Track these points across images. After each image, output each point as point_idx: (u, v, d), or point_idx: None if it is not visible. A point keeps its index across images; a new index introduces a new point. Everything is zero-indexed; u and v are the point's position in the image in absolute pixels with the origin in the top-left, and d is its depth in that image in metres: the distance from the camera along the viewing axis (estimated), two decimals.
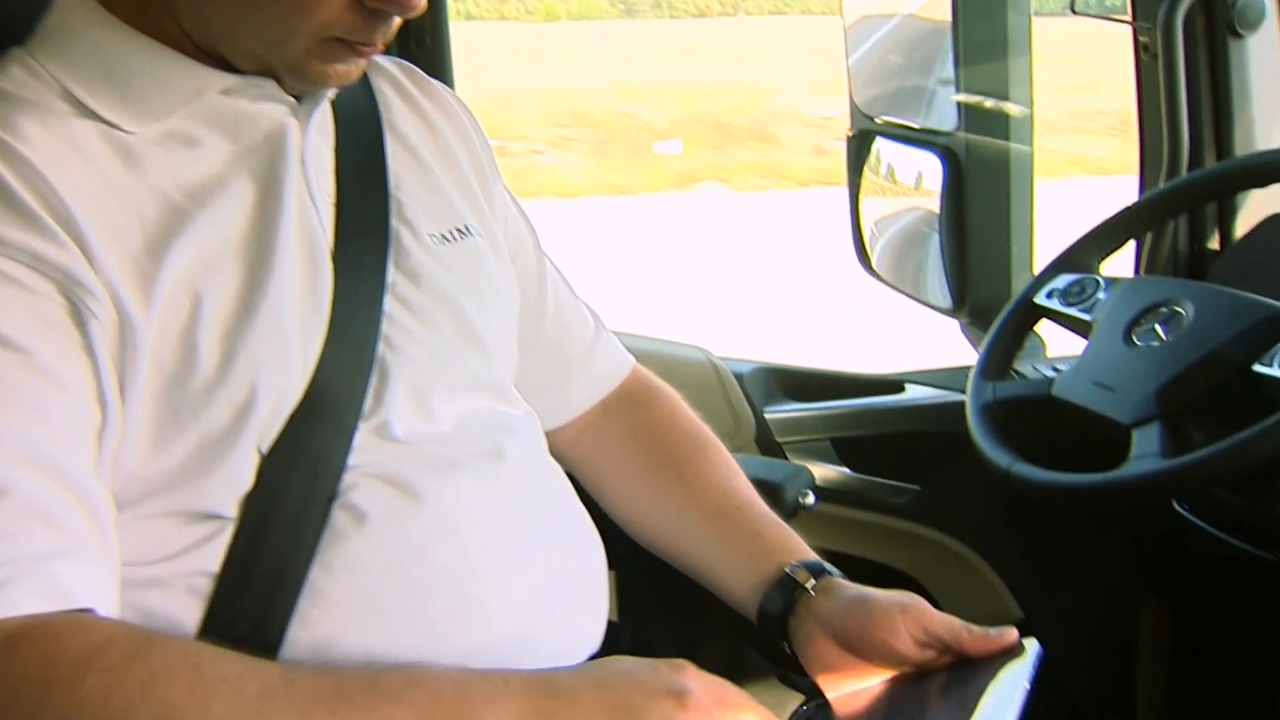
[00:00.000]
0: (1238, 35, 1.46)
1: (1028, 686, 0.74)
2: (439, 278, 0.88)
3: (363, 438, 0.80)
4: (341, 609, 0.76)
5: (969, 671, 0.78)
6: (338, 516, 0.77)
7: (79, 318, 0.71)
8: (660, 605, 1.08)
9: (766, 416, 1.59)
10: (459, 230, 0.92)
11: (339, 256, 0.83)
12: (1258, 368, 1.08)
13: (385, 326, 0.83)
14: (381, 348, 0.83)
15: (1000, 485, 1.20)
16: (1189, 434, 1.11)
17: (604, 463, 1.04)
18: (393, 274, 0.85)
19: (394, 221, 0.87)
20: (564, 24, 17.17)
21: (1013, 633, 0.80)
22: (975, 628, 0.81)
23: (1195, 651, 1.63)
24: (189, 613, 0.75)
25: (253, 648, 0.71)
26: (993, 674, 0.75)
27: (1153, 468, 1.06)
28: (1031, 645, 0.78)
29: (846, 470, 1.61)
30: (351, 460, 0.79)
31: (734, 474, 1.01)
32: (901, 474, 1.60)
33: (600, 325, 1.09)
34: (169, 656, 0.66)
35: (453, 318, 0.88)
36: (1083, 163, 8.11)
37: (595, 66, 12.66)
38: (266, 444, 0.77)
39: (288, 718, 0.65)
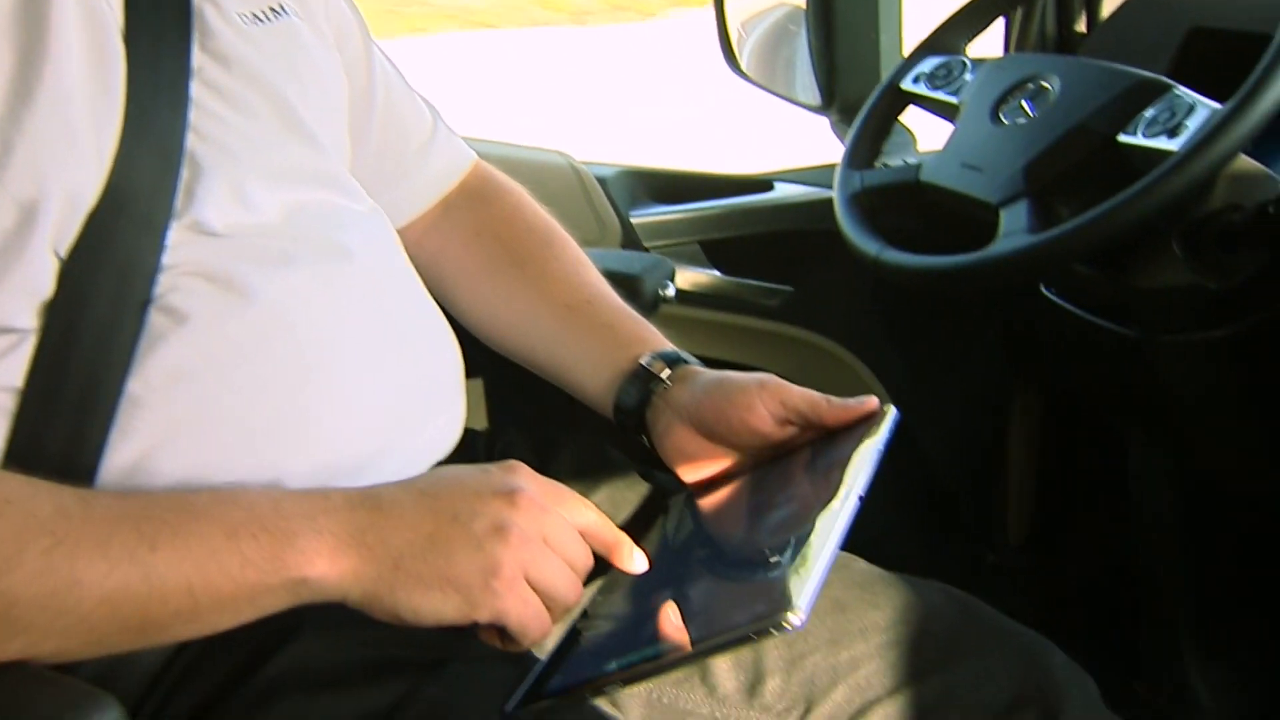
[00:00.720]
0: None
1: (882, 449, 0.72)
2: (252, 60, 0.80)
3: (177, 235, 0.72)
4: (166, 420, 0.70)
5: (832, 444, 0.76)
6: (155, 320, 0.70)
7: None
8: (518, 410, 1.04)
9: (632, 220, 1.53)
10: (272, 9, 0.83)
11: (131, 37, 0.74)
12: (1122, 137, 1.06)
13: (194, 115, 0.75)
14: (191, 139, 0.75)
15: (870, 274, 1.18)
16: (1056, 210, 1.09)
17: (447, 265, 0.98)
18: (198, 57, 0.77)
19: None
20: None
21: (873, 400, 0.77)
22: (834, 398, 0.78)
23: (1062, 437, 1.67)
24: None
25: (67, 467, 0.66)
26: (856, 443, 0.73)
27: (1020, 244, 1.04)
28: (890, 411, 0.76)
29: (716, 273, 1.57)
30: (167, 260, 0.72)
31: (584, 267, 0.96)
32: (773, 275, 1.57)
33: (439, 120, 1.02)
34: None
35: (271, 104, 0.80)
36: None
37: None
38: (65, 247, 0.69)
39: (86, 538, 0.60)
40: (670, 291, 1.09)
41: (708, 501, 0.80)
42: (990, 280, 1.08)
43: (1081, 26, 1.53)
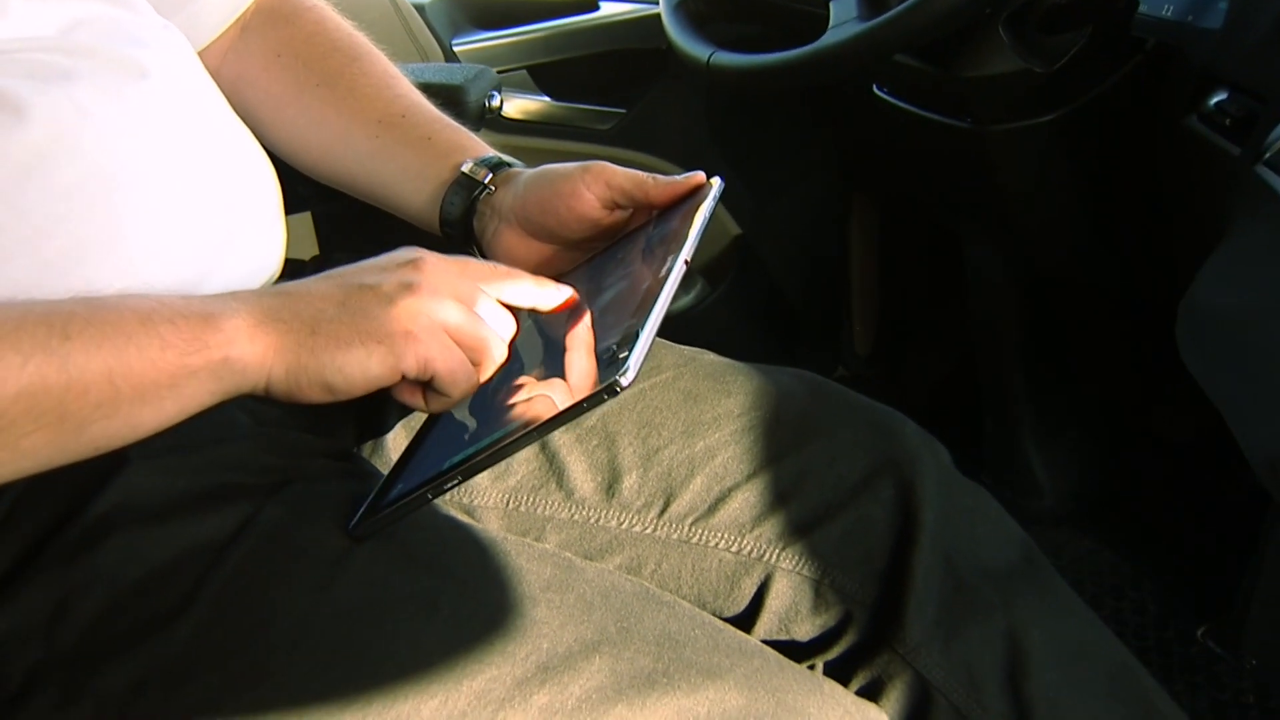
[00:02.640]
0: None
1: (707, 216, 0.70)
2: None
3: None
4: None
5: (661, 223, 0.74)
6: None
7: None
8: (347, 239, 0.99)
9: (455, 49, 1.46)
10: None
11: None
12: None
13: None
14: None
15: (701, 83, 1.15)
16: None
17: (249, 91, 0.90)
18: None
19: None
20: None
21: (699, 174, 0.75)
22: (661, 176, 0.76)
23: (901, 243, 1.70)
24: None
25: None
26: (687, 218, 0.70)
27: (849, 33, 1.03)
28: (715, 181, 0.74)
29: (547, 98, 1.52)
30: None
31: (396, 80, 0.89)
32: (606, 98, 1.53)
33: None
34: None
35: None
36: None
37: None
38: None
39: None
40: (496, 102, 1.04)
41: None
42: (823, 73, 1.07)
43: None
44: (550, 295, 0.69)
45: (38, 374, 0.56)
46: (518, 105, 1.48)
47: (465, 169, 0.82)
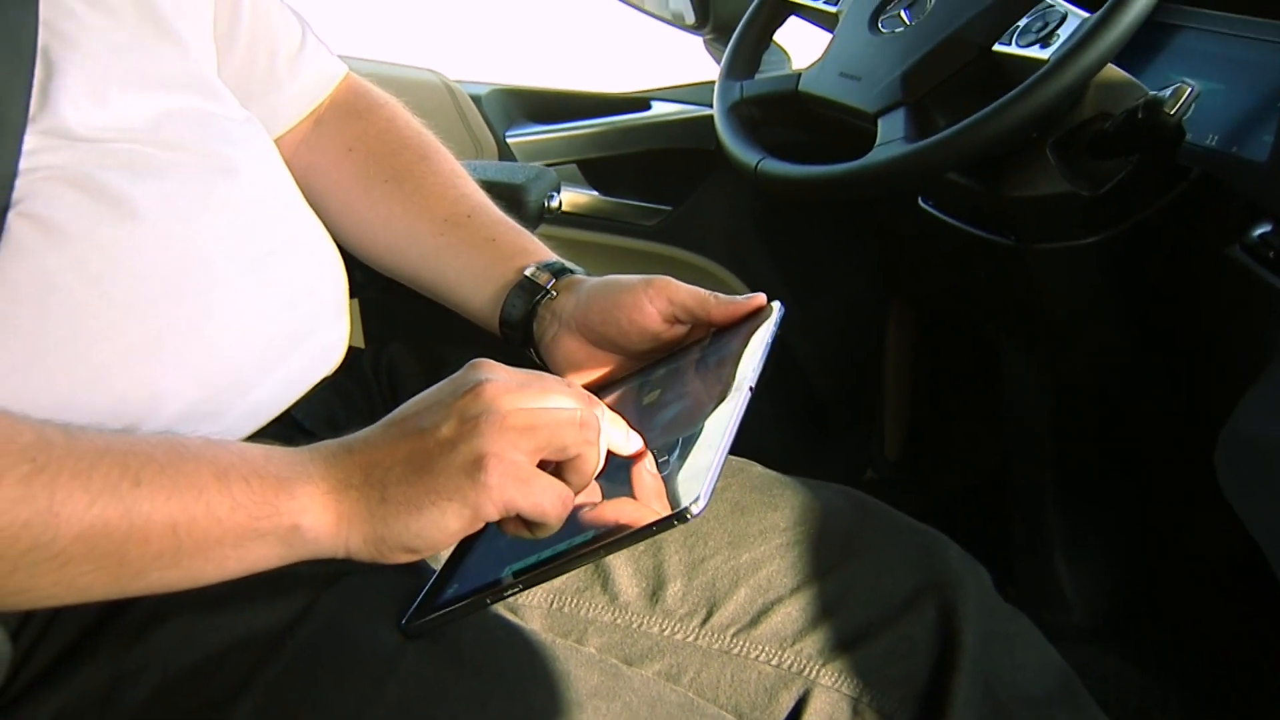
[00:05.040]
0: None
1: (770, 342, 0.71)
2: None
3: (35, 140, 0.67)
4: (36, 334, 0.65)
5: (720, 342, 0.75)
6: (18, 228, 0.65)
7: None
8: (404, 329, 1.01)
9: (509, 141, 1.50)
10: None
11: None
12: (997, 46, 1.07)
13: (45, 10, 0.70)
14: (44, 35, 0.69)
15: (749, 187, 1.18)
16: (933, 118, 1.11)
17: (321, 183, 0.93)
18: None
19: None
20: None
21: (760, 296, 0.77)
22: (722, 295, 0.78)
23: (936, 347, 1.71)
24: None
25: None
26: (745, 339, 0.72)
27: (897, 152, 1.05)
28: (776, 305, 0.76)
29: (595, 193, 1.55)
30: (25, 165, 0.66)
31: (462, 180, 0.92)
32: (652, 195, 1.56)
33: (309, 31, 0.97)
34: None
35: (135, 4, 0.76)
36: None
37: None
38: None
39: (68, 468, 0.56)
40: (556, 203, 1.06)
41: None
42: (868, 188, 1.09)
43: None
44: (619, 438, 0.67)
45: (101, 518, 0.56)
46: (567, 198, 1.51)
47: (528, 272, 0.84)
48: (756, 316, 0.76)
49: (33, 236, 0.66)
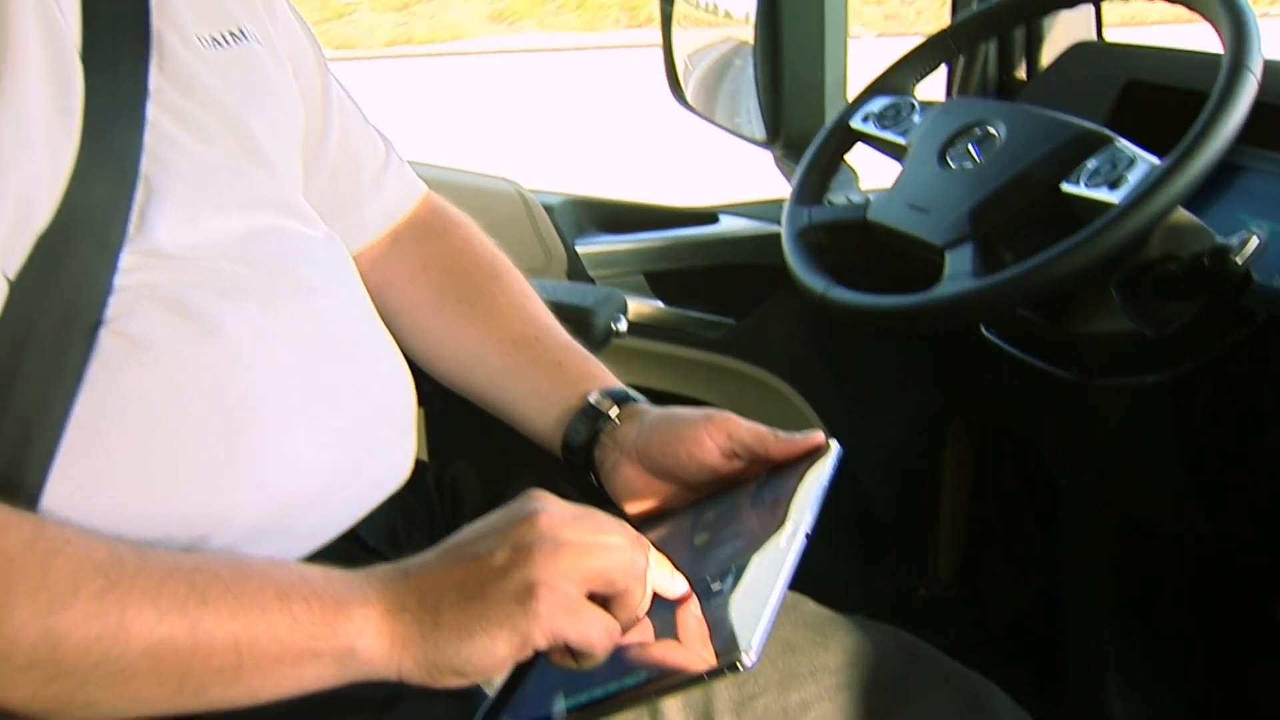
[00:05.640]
0: None
1: (826, 485, 0.72)
2: (211, 85, 0.79)
3: (131, 258, 0.71)
4: (116, 447, 0.68)
5: (777, 478, 0.77)
6: (109, 344, 0.69)
7: None
8: (467, 442, 1.03)
9: (578, 250, 1.53)
10: (232, 34, 0.82)
11: (89, 56, 0.72)
12: (1065, 186, 1.08)
13: (150, 138, 0.74)
14: (146, 161, 0.73)
15: (816, 311, 1.19)
16: (1000, 254, 1.12)
17: (394, 297, 0.96)
18: (156, 79, 0.75)
19: (155, 20, 0.76)
20: None
21: (818, 435, 0.78)
22: (781, 433, 0.79)
23: (995, 472, 1.70)
24: None
25: (9, 489, 0.64)
26: (800, 477, 0.73)
27: (964, 287, 1.06)
28: (834, 446, 0.77)
29: (660, 304, 1.58)
30: (120, 282, 0.70)
31: (531, 302, 0.95)
32: (716, 307, 1.58)
33: (391, 150, 1.01)
34: (3, 513, 0.60)
35: (229, 130, 0.79)
36: None
37: None
38: (14, 267, 0.67)
39: (138, 585, 0.58)
40: (622, 326, 1.09)
41: (655, 537, 0.80)
42: (934, 322, 1.10)
43: (1022, 74, 1.57)
44: (665, 580, 0.68)
45: (168, 634, 0.58)
46: (632, 308, 1.53)
47: (592, 399, 0.86)
48: (814, 454, 0.77)
49: (122, 353, 0.69)
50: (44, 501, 0.67)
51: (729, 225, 1.61)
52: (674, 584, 0.68)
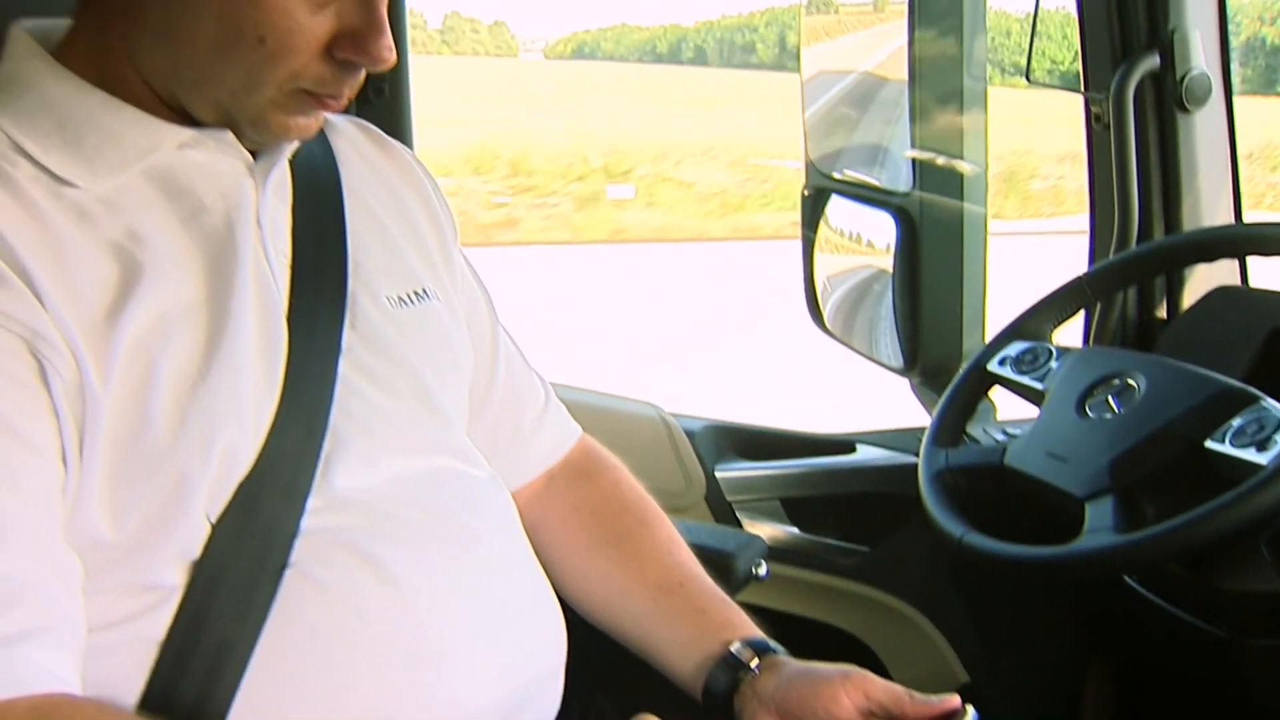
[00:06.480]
0: (1185, 110, 1.49)
1: None
2: (396, 342, 0.86)
3: (316, 503, 0.77)
4: (293, 683, 0.73)
5: None
6: (293, 585, 0.75)
7: (45, 377, 0.70)
8: (609, 680, 1.06)
9: (717, 475, 1.57)
10: (417, 293, 0.90)
11: (293, 318, 0.81)
12: (1209, 444, 1.08)
13: (340, 392, 0.81)
14: (335, 414, 0.80)
15: (953, 555, 1.20)
16: (1142, 508, 1.11)
17: (545, 536, 1.01)
18: (349, 337, 0.83)
19: (351, 283, 0.85)
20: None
21: (955, 699, 0.79)
22: (918, 694, 0.81)
23: (1137, 712, 1.64)
24: (131, 681, 0.72)
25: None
26: None
27: (1106, 542, 1.06)
28: (970, 711, 0.78)
29: (796, 530, 1.60)
30: (305, 525, 0.76)
31: (677, 547, 0.99)
32: (851, 535, 1.60)
33: (550, 395, 1.07)
34: None
35: (410, 384, 0.86)
36: None
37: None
38: (215, 512, 0.74)
39: None
40: (763, 571, 1.12)
41: None
42: (1075, 575, 1.10)
43: (1162, 312, 1.57)
44: None
45: None
46: (768, 532, 1.56)
47: (734, 649, 0.89)
48: (949, 717, 0.78)
49: (305, 595, 0.74)
50: None
51: (866, 455, 1.63)
52: None
